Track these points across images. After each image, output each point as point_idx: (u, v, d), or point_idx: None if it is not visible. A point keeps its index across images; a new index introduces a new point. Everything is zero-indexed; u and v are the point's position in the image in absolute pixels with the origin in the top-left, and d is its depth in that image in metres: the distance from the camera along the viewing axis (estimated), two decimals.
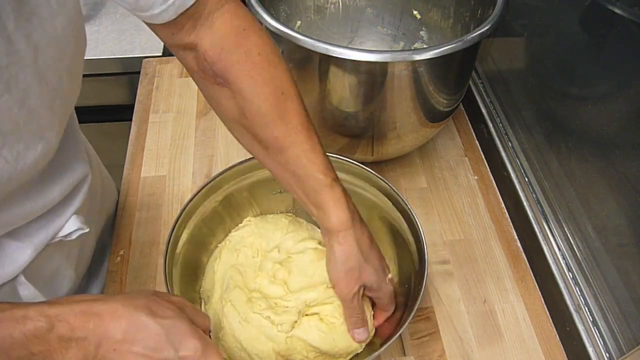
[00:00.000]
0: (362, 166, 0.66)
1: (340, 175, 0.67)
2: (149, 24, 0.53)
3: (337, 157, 0.67)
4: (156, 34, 0.54)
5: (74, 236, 0.59)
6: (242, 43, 0.53)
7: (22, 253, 0.54)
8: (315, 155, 0.55)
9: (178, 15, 0.50)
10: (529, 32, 0.84)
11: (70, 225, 0.58)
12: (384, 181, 0.65)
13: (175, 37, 0.53)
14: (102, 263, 0.75)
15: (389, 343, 0.54)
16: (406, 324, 0.55)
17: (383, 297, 0.59)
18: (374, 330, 0.61)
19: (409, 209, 0.63)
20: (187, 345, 0.43)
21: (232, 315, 0.59)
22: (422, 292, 0.57)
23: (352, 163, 0.67)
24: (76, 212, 0.59)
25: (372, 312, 0.62)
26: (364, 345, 0.60)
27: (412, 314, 0.55)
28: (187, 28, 0.52)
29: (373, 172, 0.66)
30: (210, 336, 0.51)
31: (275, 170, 0.58)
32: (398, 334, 0.54)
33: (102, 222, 0.75)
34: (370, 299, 0.61)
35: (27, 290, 0.56)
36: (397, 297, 0.62)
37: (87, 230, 0.60)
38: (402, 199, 0.64)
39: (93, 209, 0.69)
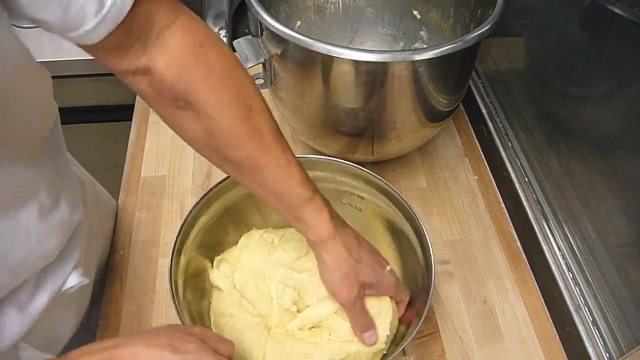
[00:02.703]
0: (365, 169, 0.66)
1: (339, 178, 0.67)
2: (92, 52, 0.46)
3: (336, 160, 0.67)
4: (103, 62, 0.48)
5: (74, 289, 0.57)
6: (202, 60, 0.48)
7: (21, 322, 0.51)
8: (291, 169, 0.53)
9: (117, 28, 0.43)
10: (529, 32, 0.84)
11: (71, 281, 0.56)
12: (386, 183, 0.65)
13: (124, 62, 0.47)
14: (100, 296, 0.71)
15: (411, 337, 0.55)
16: (424, 314, 0.55)
17: (387, 290, 0.59)
18: (395, 325, 0.61)
19: (411, 210, 0.63)
20: None
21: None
22: (432, 289, 0.57)
23: (353, 166, 0.66)
24: (75, 265, 0.56)
25: (395, 306, 0.61)
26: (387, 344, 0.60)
27: (426, 308, 0.56)
28: (135, 50, 0.46)
29: (375, 174, 0.66)
30: None
31: (252, 188, 0.55)
32: (418, 325, 0.55)
33: (101, 257, 0.72)
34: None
35: (25, 352, 0.54)
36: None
37: (87, 281, 0.57)
38: (404, 201, 0.64)
39: (91, 254, 0.66)
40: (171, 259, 0.59)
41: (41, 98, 0.49)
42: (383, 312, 0.59)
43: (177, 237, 0.61)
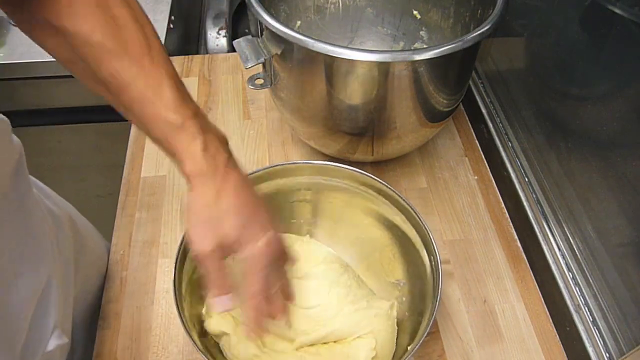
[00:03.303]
0: (365, 173, 0.66)
1: (340, 182, 0.67)
2: None
3: (335, 165, 0.66)
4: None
5: (53, 350, 0.51)
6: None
7: None
8: (163, 90, 0.44)
9: None
10: (529, 32, 0.84)
11: (50, 345, 0.50)
12: (386, 185, 0.65)
13: None
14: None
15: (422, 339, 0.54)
16: (432, 317, 0.54)
17: (252, 261, 0.47)
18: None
19: (413, 209, 0.63)
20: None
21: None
22: (440, 289, 0.57)
23: (353, 170, 0.66)
24: (55, 325, 0.51)
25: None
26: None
27: (435, 310, 0.55)
28: None
29: (376, 178, 0.65)
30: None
31: (124, 113, 0.48)
32: (426, 332, 0.54)
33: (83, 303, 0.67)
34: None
35: None
36: (410, 300, 0.62)
37: (66, 342, 0.52)
38: (407, 203, 0.63)
39: (67, 305, 0.59)
40: (175, 262, 0.59)
41: None
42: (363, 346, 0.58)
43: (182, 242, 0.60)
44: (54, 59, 0.49)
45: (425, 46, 0.90)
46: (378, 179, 0.65)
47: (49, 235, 0.54)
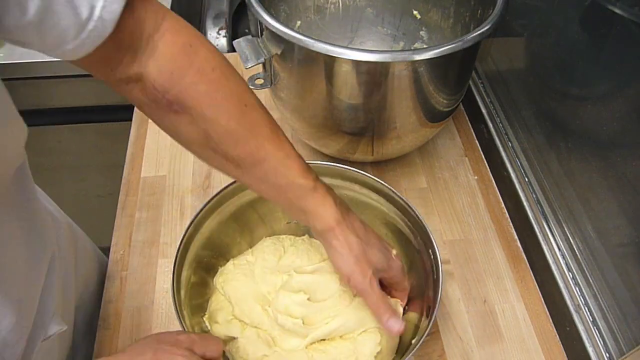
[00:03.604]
0: (363, 173, 0.66)
1: (339, 182, 0.67)
2: (81, 65, 0.45)
3: (334, 165, 0.67)
4: (94, 74, 0.47)
5: (52, 336, 0.53)
6: (193, 61, 0.48)
7: None
8: (291, 162, 0.53)
9: (104, 43, 0.42)
10: (529, 32, 0.84)
11: (51, 330, 0.53)
12: (386, 186, 0.65)
13: (115, 72, 0.46)
14: (84, 342, 0.68)
15: (427, 331, 0.55)
16: (434, 314, 0.56)
17: (396, 274, 0.58)
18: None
19: (412, 209, 0.63)
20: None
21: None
22: (440, 288, 0.58)
23: (353, 170, 0.66)
24: (54, 311, 0.54)
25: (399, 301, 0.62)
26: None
27: (434, 315, 0.56)
28: (127, 60, 0.45)
29: (374, 177, 0.66)
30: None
31: (253, 185, 0.55)
32: (433, 316, 0.55)
33: (80, 301, 0.68)
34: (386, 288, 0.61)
35: None
36: (412, 298, 0.62)
37: (65, 328, 0.54)
38: (407, 203, 0.64)
39: (68, 298, 0.62)
40: (175, 258, 0.59)
41: (9, 146, 0.46)
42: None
43: (183, 237, 0.61)
44: (54, 59, 0.49)
45: (425, 46, 0.90)
46: (378, 180, 0.66)
47: (50, 231, 0.57)
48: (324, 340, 0.60)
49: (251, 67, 0.70)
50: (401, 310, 0.61)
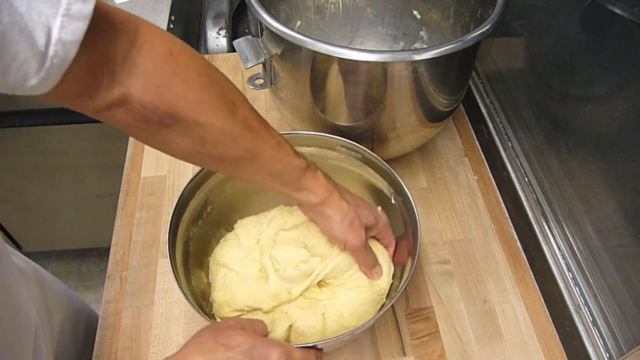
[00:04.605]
0: (339, 138, 0.70)
1: (317, 150, 0.72)
2: (56, 100, 0.40)
3: (313, 134, 0.70)
4: (73, 107, 0.43)
5: None
6: (176, 71, 0.45)
7: None
8: (283, 146, 0.55)
9: (70, 77, 0.37)
10: (529, 32, 0.84)
11: None
12: (363, 149, 0.69)
13: (96, 100, 0.42)
14: None
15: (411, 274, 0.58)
16: (416, 255, 0.60)
17: (383, 228, 0.64)
18: (392, 267, 0.65)
19: (388, 168, 0.67)
20: (272, 357, 0.46)
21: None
22: (419, 231, 0.62)
23: (330, 137, 0.70)
24: None
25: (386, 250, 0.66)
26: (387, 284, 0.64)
27: (417, 249, 0.60)
28: (105, 84, 0.41)
29: (352, 142, 0.69)
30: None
31: (250, 177, 0.55)
32: (415, 261, 0.59)
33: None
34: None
35: None
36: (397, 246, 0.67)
37: None
38: (382, 162, 0.68)
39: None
40: (169, 230, 0.62)
41: None
42: (380, 253, 0.65)
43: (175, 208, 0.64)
44: None
45: (425, 46, 0.90)
46: (356, 144, 0.69)
47: (24, 291, 0.57)
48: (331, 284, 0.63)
49: (251, 67, 0.70)
50: (387, 257, 0.66)
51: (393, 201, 0.68)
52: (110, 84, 0.41)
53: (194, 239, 0.66)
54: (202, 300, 0.63)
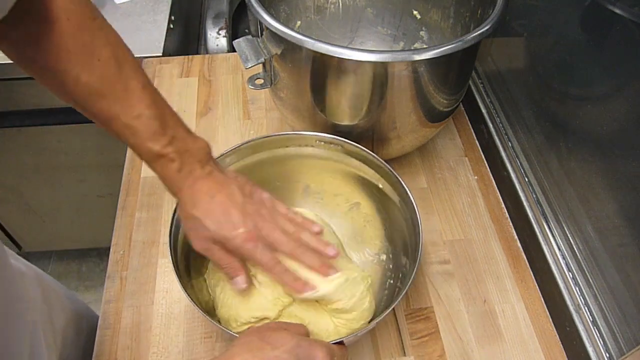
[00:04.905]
0: (340, 139, 0.69)
1: (324, 152, 0.71)
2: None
3: (316, 134, 0.69)
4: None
5: None
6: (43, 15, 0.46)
7: None
8: (142, 122, 0.51)
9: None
10: (529, 32, 0.84)
11: None
12: (362, 149, 0.68)
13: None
14: None
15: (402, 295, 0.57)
16: (414, 272, 0.58)
17: (237, 248, 0.55)
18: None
19: (389, 169, 0.66)
20: (317, 356, 0.47)
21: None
22: (421, 236, 0.60)
23: (335, 138, 0.69)
24: None
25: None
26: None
27: (416, 265, 0.58)
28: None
29: (353, 143, 0.68)
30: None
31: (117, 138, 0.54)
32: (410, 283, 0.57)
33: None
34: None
35: None
36: (393, 258, 0.67)
37: None
38: (382, 162, 0.67)
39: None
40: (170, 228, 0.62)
41: None
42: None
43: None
44: None
45: (425, 46, 0.90)
46: (356, 145, 0.68)
47: (20, 294, 0.57)
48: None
49: (251, 67, 0.70)
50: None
51: (395, 201, 0.67)
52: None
53: None
54: (202, 301, 0.63)
